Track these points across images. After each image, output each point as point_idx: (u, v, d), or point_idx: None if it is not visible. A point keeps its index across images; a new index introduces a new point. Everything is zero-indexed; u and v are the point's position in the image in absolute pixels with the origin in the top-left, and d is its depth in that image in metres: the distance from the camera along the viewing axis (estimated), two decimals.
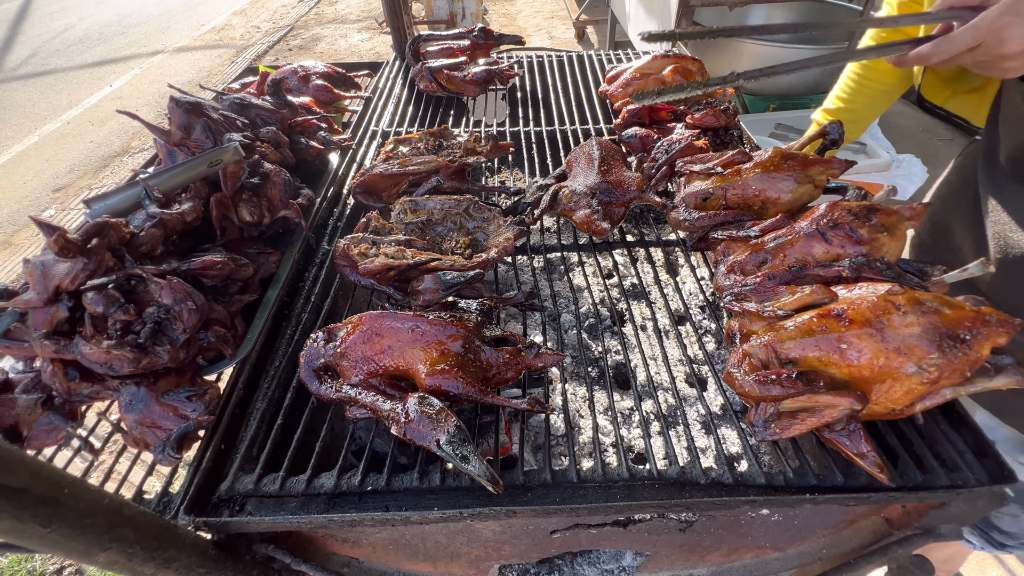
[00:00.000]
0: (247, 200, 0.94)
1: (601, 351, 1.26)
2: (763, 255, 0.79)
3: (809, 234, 0.75)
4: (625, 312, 1.02)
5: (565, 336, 1.30)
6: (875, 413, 0.63)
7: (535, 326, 1.28)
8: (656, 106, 1.22)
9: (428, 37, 1.57)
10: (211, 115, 1.00)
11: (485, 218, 0.97)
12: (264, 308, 0.87)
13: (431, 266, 0.84)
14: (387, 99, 1.52)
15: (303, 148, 1.15)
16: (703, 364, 1.18)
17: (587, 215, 0.96)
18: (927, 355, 0.58)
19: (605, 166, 1.02)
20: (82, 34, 7.20)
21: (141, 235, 0.78)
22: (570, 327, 1.32)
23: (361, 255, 0.88)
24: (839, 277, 0.71)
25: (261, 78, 1.40)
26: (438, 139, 1.20)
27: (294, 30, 6.94)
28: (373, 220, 0.96)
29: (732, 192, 0.90)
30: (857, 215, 0.74)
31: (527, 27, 6.40)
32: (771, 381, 0.62)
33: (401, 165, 1.05)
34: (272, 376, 0.80)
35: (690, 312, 1.11)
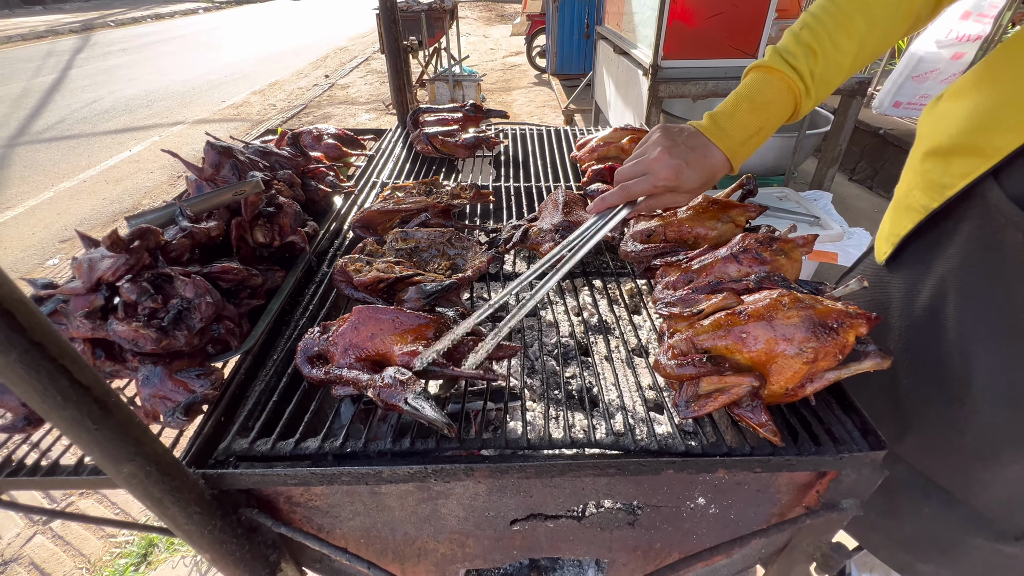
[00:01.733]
0: (262, 225, 1.11)
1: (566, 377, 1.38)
2: (690, 275, 0.95)
3: (725, 257, 0.92)
4: (591, 345, 1.16)
5: (535, 363, 1.42)
6: (774, 393, 0.76)
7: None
8: (614, 166, 1.44)
9: (427, 109, 1.84)
10: (239, 157, 1.20)
11: (464, 247, 1.14)
12: (267, 313, 1.00)
13: (415, 280, 0.99)
14: (388, 157, 1.76)
15: (313, 190, 1.34)
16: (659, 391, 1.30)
17: (550, 247, 1.13)
18: (805, 340, 0.72)
19: (568, 209, 1.21)
20: (109, 106, 7.77)
21: (173, 243, 0.93)
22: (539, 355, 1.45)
23: (356, 271, 1.03)
24: (747, 288, 0.87)
25: (280, 136, 1.63)
26: (429, 187, 1.41)
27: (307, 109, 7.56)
28: (368, 245, 1.12)
29: (670, 230, 1.09)
30: (762, 242, 0.91)
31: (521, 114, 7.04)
32: (688, 363, 0.75)
33: (396, 204, 1.24)
34: (270, 367, 0.92)
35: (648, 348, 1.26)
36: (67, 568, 1.91)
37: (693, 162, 0.86)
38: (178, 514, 0.65)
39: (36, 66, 9.95)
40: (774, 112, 0.85)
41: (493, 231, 1.27)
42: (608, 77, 4.25)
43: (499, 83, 8.47)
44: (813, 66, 0.82)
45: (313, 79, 9.19)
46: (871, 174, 4.68)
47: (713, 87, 2.91)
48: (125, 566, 1.89)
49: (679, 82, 2.90)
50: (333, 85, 8.66)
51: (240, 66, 10.14)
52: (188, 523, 0.67)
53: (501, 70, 9.29)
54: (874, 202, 4.42)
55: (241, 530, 0.76)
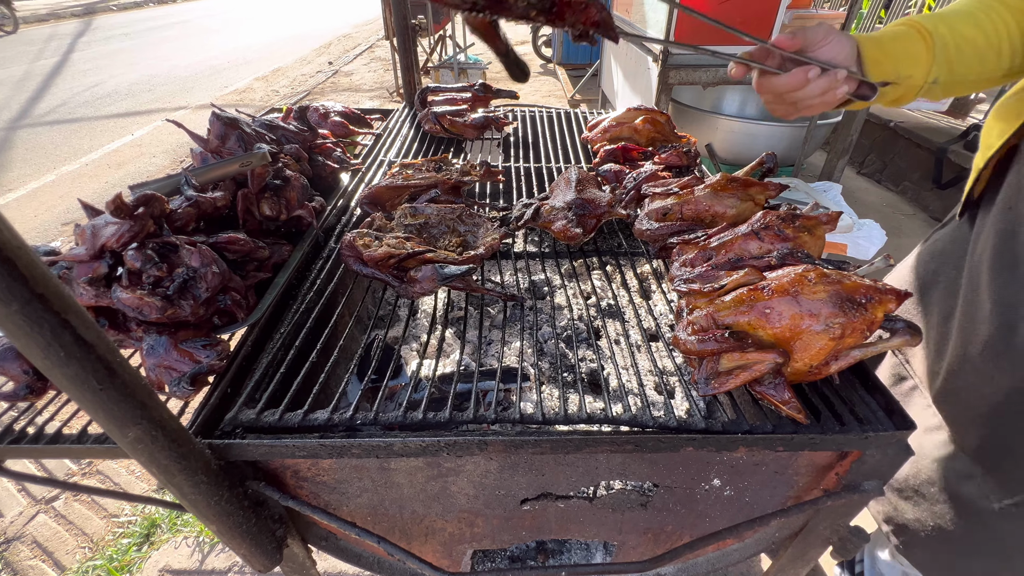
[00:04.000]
0: (269, 198, 1.08)
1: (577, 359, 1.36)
2: (709, 252, 0.92)
3: (746, 234, 0.90)
4: (602, 328, 1.13)
5: (544, 346, 1.40)
6: (797, 371, 0.74)
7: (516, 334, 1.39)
8: (629, 146, 1.41)
9: (436, 88, 1.80)
10: (245, 129, 1.17)
11: (475, 223, 1.11)
12: (274, 287, 0.98)
13: (427, 257, 0.96)
14: (395, 137, 1.72)
15: (320, 165, 1.31)
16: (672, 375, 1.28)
17: (563, 225, 1.11)
18: (832, 316, 0.70)
19: (581, 187, 1.19)
20: (111, 89, 7.71)
21: (178, 212, 0.91)
22: (549, 338, 1.43)
23: (364, 246, 1.00)
24: (769, 265, 0.84)
25: (286, 112, 1.60)
26: (438, 164, 1.38)
27: (310, 95, 7.49)
28: (377, 219, 1.10)
29: (687, 208, 1.06)
30: (784, 219, 0.89)
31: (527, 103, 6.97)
32: (709, 339, 0.73)
33: (404, 179, 1.21)
34: (277, 340, 0.90)
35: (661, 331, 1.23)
36: (70, 547, 1.91)
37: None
38: (184, 483, 0.63)
39: (38, 49, 9.88)
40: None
41: (503, 209, 1.25)
42: (616, 65, 4.19)
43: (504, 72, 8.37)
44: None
45: (316, 66, 9.11)
46: (880, 167, 4.63)
47: (724, 74, 2.86)
48: (128, 545, 1.88)
49: (689, 69, 2.85)
50: (337, 72, 8.58)
51: (243, 52, 10.05)
52: (194, 492, 0.65)
53: None
54: (883, 196, 4.38)
55: (248, 503, 0.74)
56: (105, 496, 0.92)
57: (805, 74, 0.77)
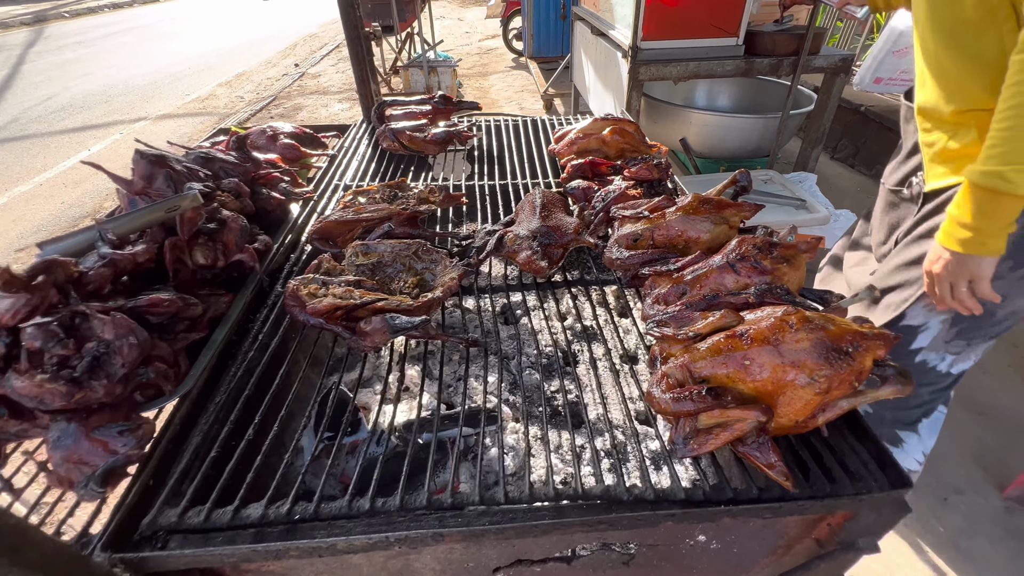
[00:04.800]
0: (203, 244, 0.98)
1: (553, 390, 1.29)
2: (683, 287, 0.85)
3: (721, 267, 0.83)
4: (577, 353, 1.06)
5: (518, 378, 1.33)
6: (782, 426, 0.67)
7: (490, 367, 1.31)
8: (597, 160, 1.34)
9: (393, 102, 1.70)
10: (174, 166, 1.06)
11: (433, 260, 1.03)
12: (210, 347, 0.89)
13: (377, 306, 0.87)
14: (351, 157, 1.62)
15: (264, 198, 1.21)
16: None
17: (528, 256, 1.03)
18: (817, 367, 0.63)
19: (546, 212, 1.11)
20: (66, 102, 7.38)
21: (90, 274, 0.80)
22: (524, 368, 1.35)
23: (310, 295, 0.91)
24: (746, 303, 0.77)
25: (230, 137, 1.49)
26: (395, 191, 1.28)
27: (277, 100, 7.26)
28: (324, 262, 1.00)
29: (658, 233, 0.99)
30: (761, 249, 0.82)
31: (499, 99, 6.86)
32: (685, 397, 0.66)
33: (356, 212, 1.11)
34: (211, 412, 0.80)
35: (638, 353, 1.16)
36: None
37: None
38: None
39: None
40: None
41: (466, 238, 1.16)
42: (587, 60, 4.11)
43: (476, 68, 8.24)
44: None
45: (282, 68, 8.84)
46: (853, 152, 4.64)
47: (695, 68, 2.79)
48: None
49: (659, 64, 2.78)
50: (304, 75, 8.33)
51: (205, 57, 9.71)
52: None
53: (477, 54, 9.04)
54: (856, 180, 4.39)
55: None
56: None
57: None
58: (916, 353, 1.15)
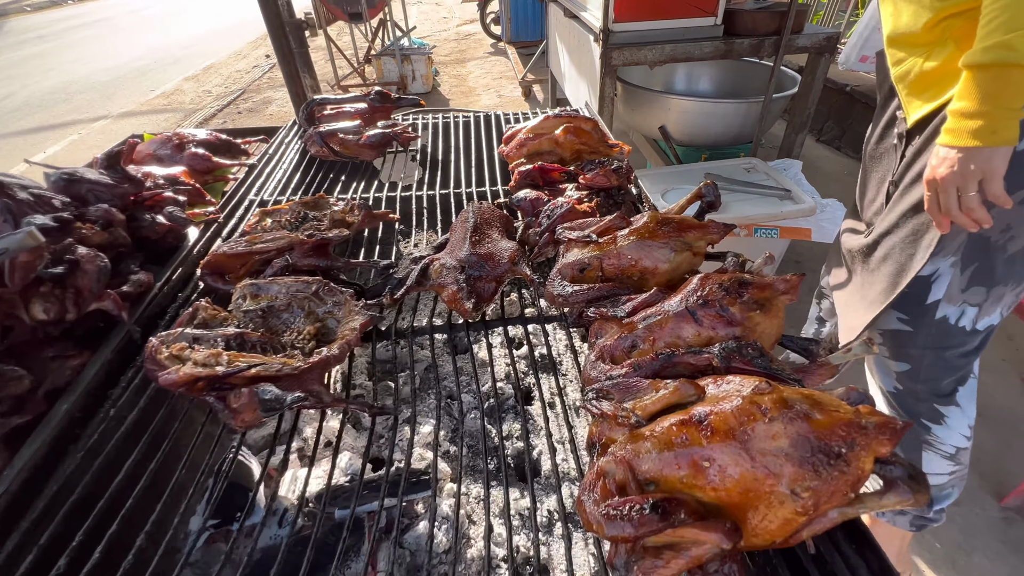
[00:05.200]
0: (45, 294, 0.79)
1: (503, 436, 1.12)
2: (633, 338, 0.68)
3: (679, 314, 0.65)
4: (532, 387, 0.89)
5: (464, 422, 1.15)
6: (754, 545, 0.50)
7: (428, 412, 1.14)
8: (547, 166, 1.15)
9: (323, 101, 1.49)
10: (15, 195, 0.86)
11: (336, 302, 0.84)
12: (40, 431, 0.70)
13: (250, 374, 0.69)
14: (275, 166, 1.42)
15: (148, 226, 1.01)
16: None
17: (453, 292, 0.85)
18: (800, 477, 0.46)
19: (478, 236, 0.92)
20: (22, 102, 7.05)
21: None
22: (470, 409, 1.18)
23: (173, 358, 0.73)
24: (710, 365, 0.60)
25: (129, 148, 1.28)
26: (309, 209, 1.09)
27: (245, 94, 6.96)
28: (201, 311, 0.81)
29: (608, 263, 0.81)
30: (728, 291, 0.64)
31: (477, 87, 6.61)
32: (621, 517, 0.49)
33: (249, 243, 0.92)
34: (23, 528, 0.62)
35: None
36: None
37: None
38: None
39: None
40: None
41: (388, 267, 0.98)
42: (561, 45, 3.88)
43: (453, 55, 7.95)
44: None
45: (252, 60, 8.50)
46: (839, 134, 4.46)
47: (671, 51, 2.59)
48: None
49: (634, 47, 2.57)
50: (274, 66, 7.99)
51: (171, 49, 9.33)
52: None
53: (455, 40, 8.73)
54: (843, 163, 4.21)
55: None
56: None
57: None
58: (934, 309, 1.03)
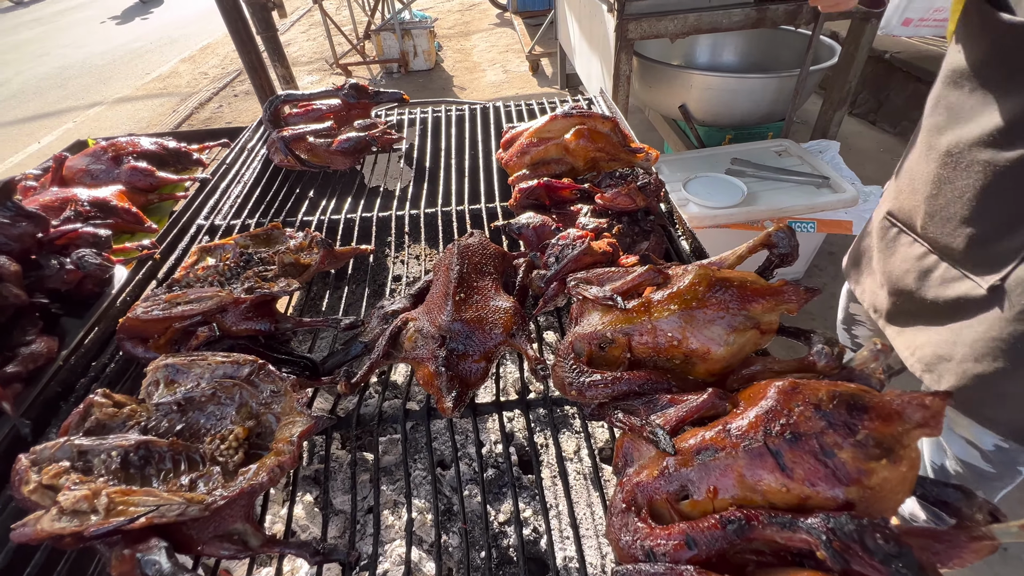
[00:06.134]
0: None
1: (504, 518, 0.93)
2: (682, 478, 0.46)
3: (752, 451, 0.43)
4: (538, 451, 0.69)
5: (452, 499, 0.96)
6: None
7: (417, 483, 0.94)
8: (554, 183, 0.91)
9: (289, 97, 1.26)
10: None
11: (275, 391, 0.63)
12: None
13: (138, 525, 0.49)
14: (234, 179, 1.20)
15: (56, 274, 0.81)
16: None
17: (429, 375, 0.63)
18: None
19: (464, 292, 0.69)
20: (17, 88, 6.90)
21: None
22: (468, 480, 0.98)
23: (44, 489, 0.53)
24: (807, 547, 0.38)
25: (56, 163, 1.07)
26: (259, 246, 0.88)
27: (242, 75, 6.69)
28: (96, 408, 0.61)
29: (640, 340, 0.58)
30: (833, 420, 0.42)
31: (482, 62, 6.26)
32: None
33: (168, 304, 0.71)
34: None
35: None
36: None
37: None
38: None
39: None
40: None
41: (351, 326, 0.76)
42: (571, 15, 3.54)
43: (457, 27, 7.54)
44: None
45: None
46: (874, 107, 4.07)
47: (696, 21, 2.28)
48: None
49: (652, 18, 2.26)
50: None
51: (167, 29, 9.03)
52: None
53: (459, 11, 8.29)
54: (879, 139, 3.85)
55: None
56: None
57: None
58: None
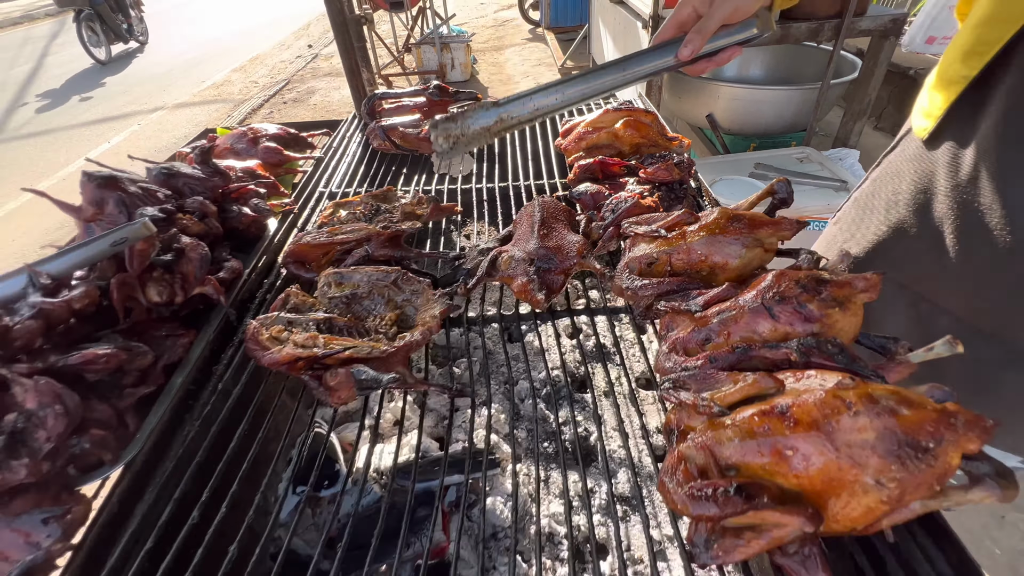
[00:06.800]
0: (157, 279, 0.87)
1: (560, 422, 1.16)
2: (707, 332, 0.70)
3: (754, 309, 0.67)
4: (587, 377, 0.93)
5: (521, 406, 1.20)
6: (834, 531, 0.53)
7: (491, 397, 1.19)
8: (607, 160, 1.17)
9: (384, 95, 1.55)
10: (127, 188, 0.95)
11: (414, 291, 0.90)
12: (163, 400, 0.79)
13: (344, 356, 0.75)
14: (340, 159, 1.49)
15: (235, 216, 1.10)
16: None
17: (523, 284, 0.89)
18: (885, 468, 0.48)
19: (545, 229, 0.95)
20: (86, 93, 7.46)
21: (15, 328, 0.70)
22: (526, 395, 1.23)
23: (273, 339, 0.80)
24: (787, 359, 0.62)
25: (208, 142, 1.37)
26: (380, 202, 1.15)
27: (290, 84, 7.16)
28: (292, 296, 0.88)
29: (677, 257, 0.83)
30: (806, 287, 0.65)
31: (515, 74, 6.58)
32: (706, 497, 0.52)
33: (330, 234, 0.99)
34: (158, 483, 0.70)
35: (656, 376, 1.03)
36: None
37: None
38: None
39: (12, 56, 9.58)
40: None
41: (457, 258, 1.03)
42: (605, 31, 3.82)
43: (491, 41, 7.92)
44: None
45: (296, 50, 8.71)
46: (899, 121, 4.23)
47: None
48: None
49: None
50: (317, 56, 8.19)
51: (219, 41, 9.66)
52: None
53: (493, 27, 8.69)
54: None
55: None
56: None
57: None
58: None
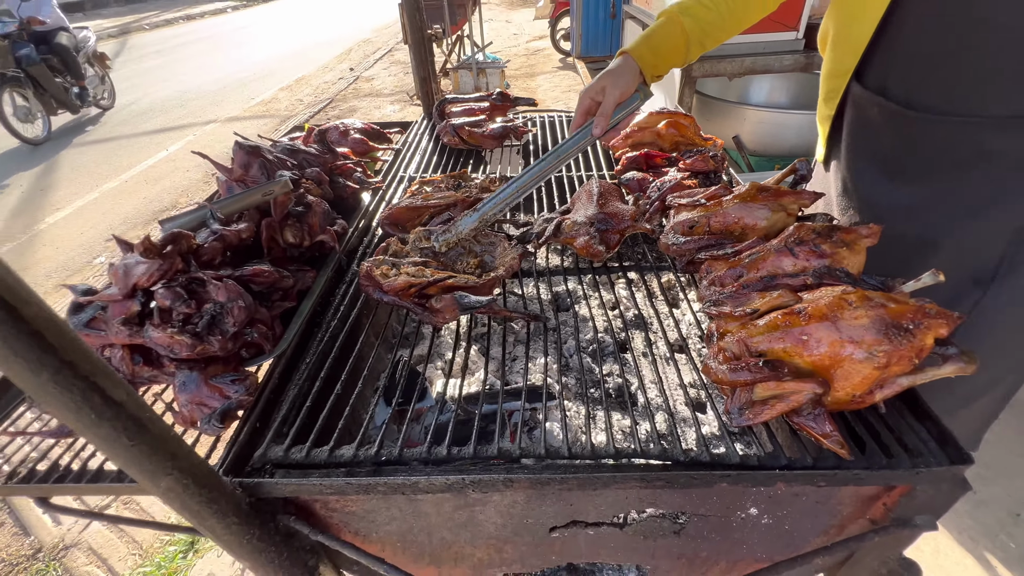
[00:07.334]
0: (292, 225, 1.10)
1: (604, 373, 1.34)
2: (740, 270, 0.88)
3: (779, 250, 0.85)
4: (628, 340, 1.10)
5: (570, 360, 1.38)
6: (839, 400, 0.69)
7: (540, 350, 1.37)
8: (652, 152, 1.37)
9: (453, 99, 1.79)
10: (267, 156, 1.18)
11: (491, 243, 1.10)
12: (299, 315, 0.99)
13: (448, 283, 0.95)
14: (414, 151, 1.73)
15: (340, 187, 1.32)
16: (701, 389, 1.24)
17: (586, 241, 1.08)
18: (876, 343, 0.66)
19: (603, 200, 1.16)
20: (146, 107, 8.04)
21: (204, 246, 0.93)
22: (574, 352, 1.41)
23: (383, 275, 1.00)
24: (804, 284, 0.80)
25: (307, 132, 1.62)
26: (457, 181, 1.37)
27: (333, 103, 7.62)
28: (393, 245, 1.09)
29: (715, 220, 1.02)
30: (820, 233, 0.84)
31: (546, 99, 6.92)
32: (742, 368, 0.70)
33: (424, 199, 1.20)
34: (303, 371, 0.90)
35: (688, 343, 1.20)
36: (122, 554, 2.00)
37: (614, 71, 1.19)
38: (216, 525, 0.64)
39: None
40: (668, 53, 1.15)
41: (524, 224, 1.23)
42: None
43: (523, 69, 8.34)
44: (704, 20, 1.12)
45: (338, 72, 9.26)
46: None
47: (751, 64, 2.75)
48: (174, 553, 1.97)
49: (714, 60, 2.75)
50: (358, 78, 8.70)
51: (268, 63, 10.30)
52: (227, 533, 0.66)
53: (525, 55, 9.14)
54: None
55: (279, 537, 0.75)
56: (136, 526, 0.95)
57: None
58: None
